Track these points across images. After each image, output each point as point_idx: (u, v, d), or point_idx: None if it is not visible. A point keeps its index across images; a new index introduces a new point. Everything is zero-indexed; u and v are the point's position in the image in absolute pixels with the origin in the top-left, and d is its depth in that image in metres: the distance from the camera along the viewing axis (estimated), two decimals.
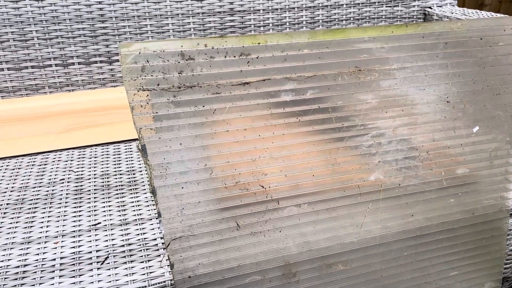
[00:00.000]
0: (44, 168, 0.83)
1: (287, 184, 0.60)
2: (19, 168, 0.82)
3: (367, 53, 0.57)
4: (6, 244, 0.64)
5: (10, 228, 0.67)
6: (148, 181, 0.53)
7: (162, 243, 0.65)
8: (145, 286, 0.58)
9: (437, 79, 0.62)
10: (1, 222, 0.68)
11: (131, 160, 0.87)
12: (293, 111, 0.57)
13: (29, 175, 0.80)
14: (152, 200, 0.76)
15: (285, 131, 0.57)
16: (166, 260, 0.57)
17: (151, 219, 0.71)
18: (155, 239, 0.66)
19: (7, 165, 0.83)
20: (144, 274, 0.59)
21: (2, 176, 0.80)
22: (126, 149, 0.91)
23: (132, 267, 0.61)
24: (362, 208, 0.64)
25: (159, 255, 0.63)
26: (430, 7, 1.18)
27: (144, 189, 0.78)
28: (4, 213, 0.71)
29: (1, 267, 0.60)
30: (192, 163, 0.55)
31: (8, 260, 0.61)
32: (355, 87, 0.58)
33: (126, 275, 0.59)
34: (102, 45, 0.94)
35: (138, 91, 0.50)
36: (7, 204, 0.73)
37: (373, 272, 0.68)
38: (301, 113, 0.57)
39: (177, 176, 0.55)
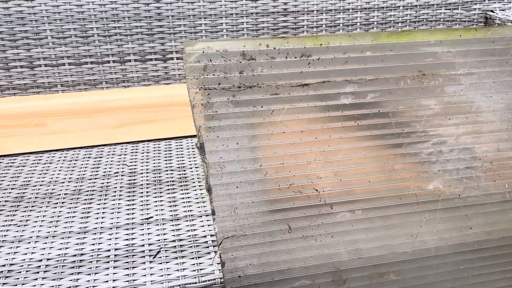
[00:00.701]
0: (99, 161, 0.86)
1: (341, 189, 0.58)
2: (76, 160, 0.86)
3: (433, 57, 0.55)
4: (64, 233, 0.67)
5: (67, 217, 0.70)
6: (204, 178, 0.53)
7: (212, 241, 0.66)
8: (195, 283, 0.59)
9: (506, 87, 0.59)
10: (59, 212, 0.71)
11: (182, 157, 0.88)
12: (351, 114, 0.55)
13: (85, 167, 0.84)
14: (202, 197, 0.76)
15: (342, 134, 0.56)
16: (218, 258, 0.58)
17: (201, 216, 0.71)
18: (205, 236, 0.67)
19: (64, 157, 0.87)
20: (194, 270, 0.60)
21: (60, 167, 0.83)
22: (176, 145, 0.93)
23: (183, 263, 0.61)
24: (418, 218, 0.62)
25: (209, 253, 0.63)
26: (492, 11, 1.12)
27: (194, 186, 0.79)
28: (62, 202, 0.74)
29: (59, 255, 0.63)
30: (248, 163, 0.55)
31: (66, 248, 0.64)
32: (418, 91, 0.56)
33: (177, 270, 0.60)
34: (157, 43, 0.97)
35: (199, 89, 0.51)
36: (65, 194, 0.76)
37: (426, 285, 0.66)
38: (360, 116, 0.56)
39: (232, 175, 0.55)
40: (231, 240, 0.57)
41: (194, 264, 0.61)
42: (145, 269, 0.60)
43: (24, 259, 0.61)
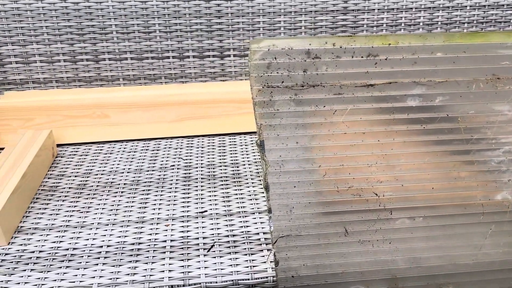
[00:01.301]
0: (156, 153, 0.88)
1: (402, 194, 0.56)
2: (134, 151, 0.89)
3: (509, 60, 0.52)
4: (123, 221, 0.69)
5: (126, 207, 0.73)
6: (259, 176, 0.53)
7: (265, 239, 0.66)
8: (248, 279, 0.59)
9: None
10: (119, 201, 0.74)
11: (235, 153, 0.89)
12: (418, 117, 0.53)
13: (143, 159, 0.86)
14: (254, 195, 0.77)
15: (407, 138, 0.54)
16: (272, 256, 0.57)
17: (253, 213, 0.72)
18: (258, 233, 0.67)
19: (124, 148, 0.90)
20: (247, 267, 0.60)
21: (120, 157, 0.87)
22: (230, 142, 0.94)
23: (236, 258, 0.62)
24: (483, 229, 0.59)
25: (262, 250, 0.63)
26: None
27: (247, 183, 0.80)
28: (122, 192, 0.76)
29: (118, 242, 0.65)
30: (307, 163, 0.54)
31: (125, 236, 0.66)
32: (491, 96, 0.53)
33: (231, 265, 0.61)
34: (216, 40, 0.98)
35: (262, 87, 0.50)
36: (124, 184, 0.79)
37: None
38: (426, 120, 0.53)
39: (290, 175, 0.54)
40: (286, 240, 0.57)
41: (247, 261, 0.61)
42: (199, 261, 0.61)
43: (86, 244, 0.64)
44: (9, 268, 0.60)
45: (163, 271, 0.60)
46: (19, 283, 0.57)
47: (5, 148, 0.80)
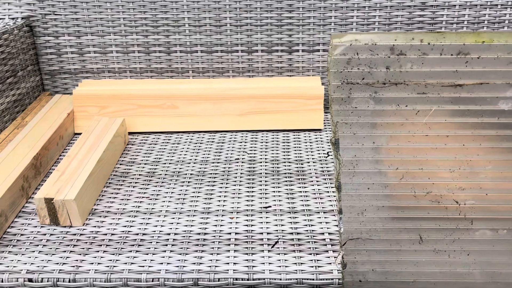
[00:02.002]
0: (222, 146, 0.89)
1: (485, 204, 0.52)
2: (200, 143, 0.90)
3: None
4: (190, 211, 0.71)
5: (193, 196, 0.74)
6: (335, 176, 0.52)
7: (330, 239, 0.64)
8: (313, 279, 0.58)
9: None
10: (186, 190, 0.76)
11: (299, 150, 0.88)
12: (509, 122, 0.49)
13: (209, 151, 0.87)
14: (319, 193, 0.75)
15: (495, 144, 0.50)
16: (340, 258, 0.56)
17: (318, 213, 0.70)
18: (323, 233, 0.66)
19: (191, 139, 0.92)
20: (312, 266, 0.59)
21: (187, 148, 0.88)
22: (294, 138, 0.92)
23: (300, 257, 0.61)
24: None
25: (327, 251, 0.62)
26: None
27: (312, 181, 0.78)
28: (188, 182, 0.78)
29: (185, 231, 0.66)
30: (383, 165, 0.52)
31: (191, 226, 0.67)
32: None
33: (295, 263, 0.60)
34: (285, 35, 0.97)
35: (341, 83, 0.49)
36: (190, 174, 0.80)
37: None
38: None
39: (364, 176, 0.52)
40: (355, 243, 0.55)
41: (312, 260, 0.60)
42: (263, 257, 0.61)
43: (155, 231, 0.66)
44: (83, 248, 0.63)
45: (228, 263, 0.60)
46: (92, 263, 0.60)
47: (82, 133, 0.84)
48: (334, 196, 0.74)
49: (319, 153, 0.87)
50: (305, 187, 0.77)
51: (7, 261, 0.61)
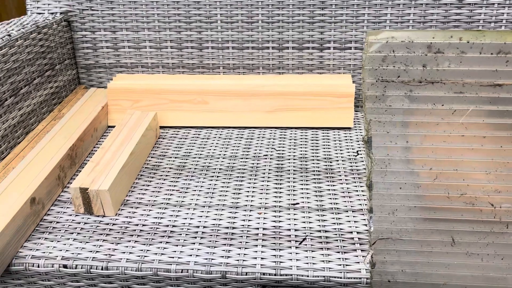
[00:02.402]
0: (250, 142, 0.90)
1: None
2: (230, 138, 0.91)
3: None
4: (218, 205, 0.71)
5: (221, 191, 0.75)
6: (366, 174, 0.51)
7: (359, 239, 0.64)
8: (340, 277, 0.58)
9: None
10: (215, 184, 0.76)
11: (328, 148, 0.88)
12: None
13: (238, 146, 0.88)
14: (348, 192, 0.75)
15: None
16: (370, 257, 0.55)
17: (347, 211, 0.70)
18: (351, 232, 0.65)
19: (220, 134, 0.93)
20: (340, 265, 0.59)
21: (216, 143, 0.89)
22: (323, 136, 0.92)
23: (328, 255, 0.61)
24: None
25: (355, 250, 0.62)
26: None
27: (340, 179, 0.78)
28: (217, 176, 0.79)
29: (214, 224, 0.67)
30: (416, 164, 0.51)
31: (220, 220, 0.68)
32: None
33: (323, 261, 0.60)
34: (316, 32, 0.96)
35: (376, 81, 0.48)
36: (219, 169, 0.81)
37: None
38: None
39: (396, 175, 0.52)
40: (385, 242, 0.54)
41: (339, 259, 0.60)
42: (291, 253, 0.61)
43: (184, 223, 0.67)
44: (116, 238, 0.65)
45: (256, 258, 0.60)
46: (124, 252, 0.62)
47: (115, 126, 0.87)
48: (363, 195, 0.74)
49: (349, 152, 0.86)
50: (333, 185, 0.76)
51: (43, 247, 0.63)
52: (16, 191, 0.67)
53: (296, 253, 0.61)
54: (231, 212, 0.69)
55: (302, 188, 0.76)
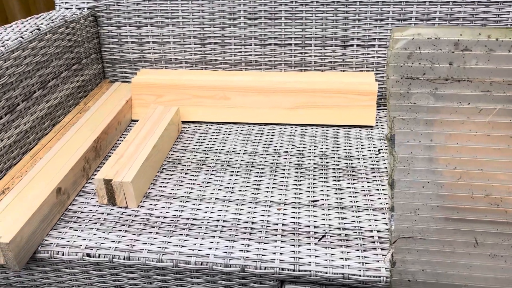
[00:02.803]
0: (271, 138, 0.90)
1: None
2: (250, 134, 0.91)
3: None
4: (238, 199, 0.72)
5: (241, 186, 0.75)
6: (389, 172, 0.51)
7: (379, 237, 0.63)
8: (360, 275, 0.57)
9: None
10: (235, 179, 0.77)
11: (349, 146, 0.87)
12: None
13: (258, 142, 0.88)
14: (368, 190, 0.74)
15: None
16: (390, 256, 0.55)
17: (367, 209, 0.69)
18: (371, 230, 0.65)
19: (241, 130, 0.93)
20: (359, 263, 0.59)
21: (237, 139, 0.90)
22: (344, 134, 0.91)
23: (347, 252, 0.61)
24: None
25: (375, 248, 0.61)
26: None
27: (361, 178, 0.77)
28: (238, 171, 0.79)
29: (234, 218, 0.68)
30: (440, 163, 0.50)
31: (239, 214, 0.69)
32: None
33: (342, 258, 0.60)
34: (340, 29, 0.96)
35: (401, 78, 0.48)
36: (240, 164, 0.81)
37: None
38: None
39: (420, 174, 0.51)
40: (406, 241, 0.54)
41: (359, 257, 0.60)
42: (310, 249, 0.61)
43: (204, 217, 0.68)
44: (138, 229, 0.66)
45: (275, 253, 0.61)
46: (146, 243, 0.63)
47: (139, 120, 0.88)
48: (384, 193, 0.73)
49: (370, 150, 0.85)
50: (354, 183, 0.76)
51: (68, 236, 0.65)
52: (43, 181, 0.69)
53: (315, 250, 0.61)
54: (250, 207, 0.70)
55: (322, 186, 0.75)
